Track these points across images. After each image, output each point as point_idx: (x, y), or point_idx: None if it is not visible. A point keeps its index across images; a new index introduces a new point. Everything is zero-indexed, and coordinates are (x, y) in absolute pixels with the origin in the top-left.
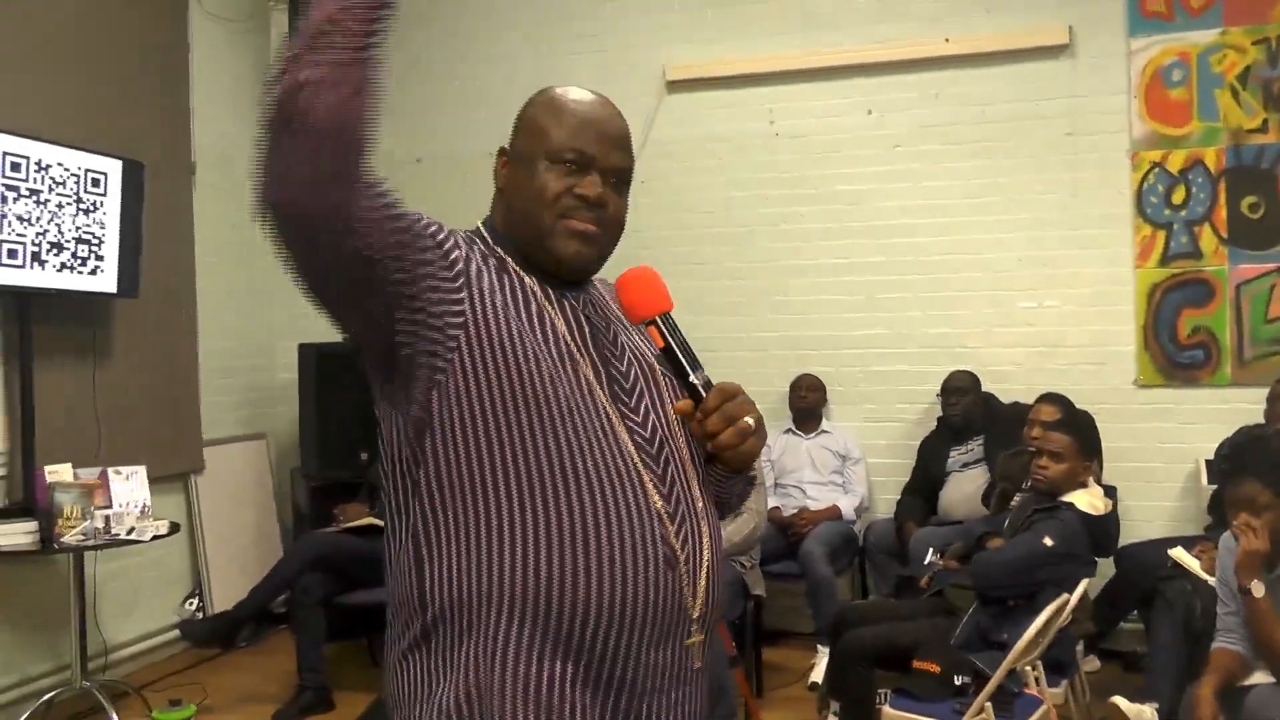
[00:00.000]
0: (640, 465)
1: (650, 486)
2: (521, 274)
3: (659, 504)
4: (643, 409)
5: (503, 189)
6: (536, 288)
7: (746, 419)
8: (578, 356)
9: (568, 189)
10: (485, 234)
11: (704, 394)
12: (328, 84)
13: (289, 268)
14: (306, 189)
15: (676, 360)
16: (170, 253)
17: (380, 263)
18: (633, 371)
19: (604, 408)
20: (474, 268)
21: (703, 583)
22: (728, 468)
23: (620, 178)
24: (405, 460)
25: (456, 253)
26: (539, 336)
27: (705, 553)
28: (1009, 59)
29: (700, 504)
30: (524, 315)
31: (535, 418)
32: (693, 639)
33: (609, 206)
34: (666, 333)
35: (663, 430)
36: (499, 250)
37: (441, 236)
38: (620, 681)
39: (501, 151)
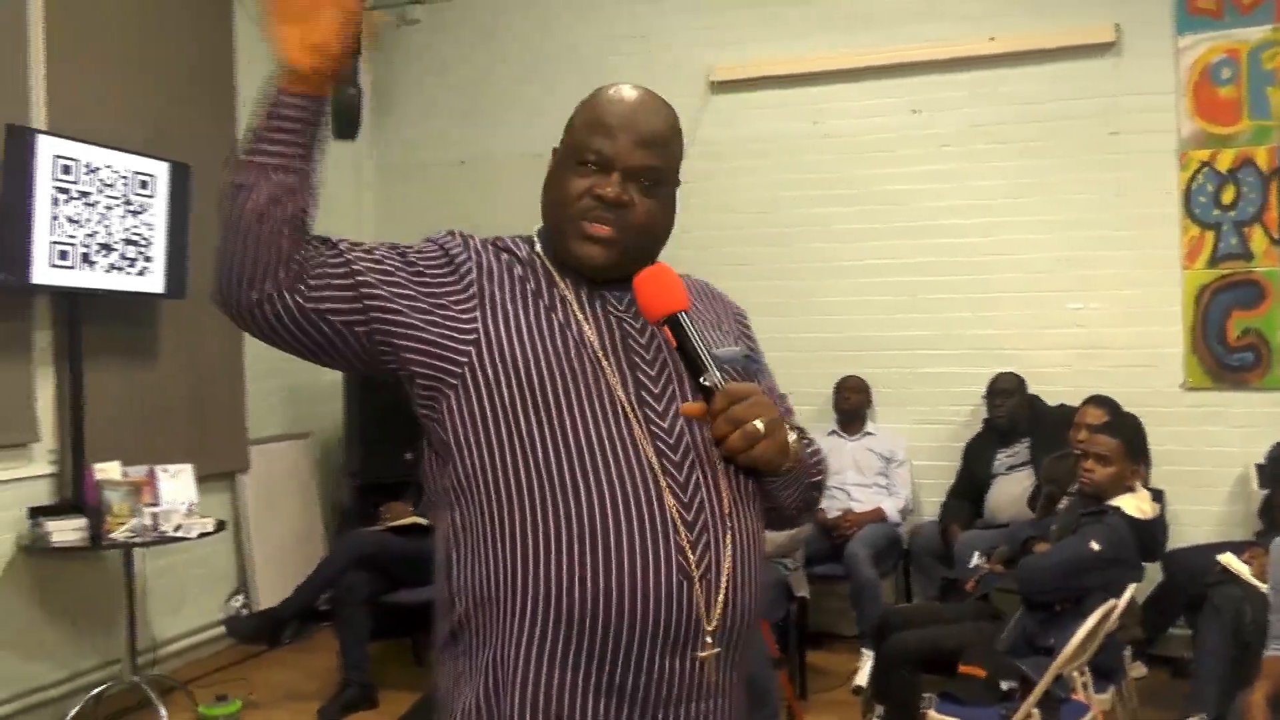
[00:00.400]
0: (659, 470)
1: (668, 492)
2: (556, 278)
3: (675, 510)
4: (671, 413)
5: (543, 188)
6: (569, 292)
7: (755, 423)
8: (602, 361)
9: (589, 189)
10: (535, 237)
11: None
12: (260, 186)
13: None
14: (249, 283)
15: (689, 361)
16: None
17: (351, 317)
18: (665, 374)
19: (624, 413)
20: (496, 279)
21: (722, 593)
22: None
23: (651, 178)
24: (435, 463)
25: (471, 276)
26: (559, 343)
27: (726, 561)
28: (1055, 57)
29: (727, 510)
30: (545, 322)
31: (547, 424)
32: (705, 652)
33: (633, 208)
34: (681, 332)
35: (690, 435)
36: (541, 255)
37: (458, 254)
38: (634, 691)
39: (554, 151)
